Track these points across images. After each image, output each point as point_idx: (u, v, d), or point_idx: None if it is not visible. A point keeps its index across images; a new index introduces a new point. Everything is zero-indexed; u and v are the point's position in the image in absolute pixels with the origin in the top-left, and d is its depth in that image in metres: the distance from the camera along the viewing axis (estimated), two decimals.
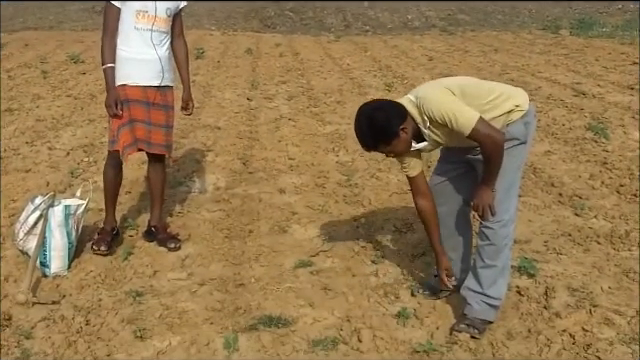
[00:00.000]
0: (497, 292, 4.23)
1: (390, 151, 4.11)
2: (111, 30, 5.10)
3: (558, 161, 7.69)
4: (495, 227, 4.14)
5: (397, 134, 3.99)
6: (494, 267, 4.21)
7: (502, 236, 4.17)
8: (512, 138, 4.07)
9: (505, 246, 4.21)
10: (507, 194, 4.15)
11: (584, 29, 21.03)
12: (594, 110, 10.05)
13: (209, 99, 11.25)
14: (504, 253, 4.22)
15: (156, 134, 5.31)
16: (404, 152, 4.15)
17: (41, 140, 8.54)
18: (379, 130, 3.99)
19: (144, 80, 5.17)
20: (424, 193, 4.32)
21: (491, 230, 4.15)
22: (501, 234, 4.17)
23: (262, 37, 20.45)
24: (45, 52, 16.52)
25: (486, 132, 3.89)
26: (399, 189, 6.77)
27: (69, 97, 11.25)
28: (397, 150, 4.09)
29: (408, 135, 4.03)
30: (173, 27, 5.34)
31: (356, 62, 15.50)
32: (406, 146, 4.08)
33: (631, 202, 6.41)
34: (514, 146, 4.09)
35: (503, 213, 4.14)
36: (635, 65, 14.11)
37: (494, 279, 4.22)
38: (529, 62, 15.06)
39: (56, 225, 5.00)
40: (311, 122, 9.65)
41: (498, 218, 4.13)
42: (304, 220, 6.06)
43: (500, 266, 4.22)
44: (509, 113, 4.07)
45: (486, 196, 4.06)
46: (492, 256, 4.20)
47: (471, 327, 4.19)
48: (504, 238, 4.19)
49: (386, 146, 4.04)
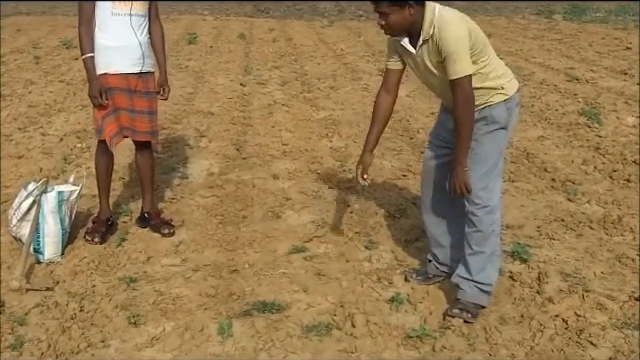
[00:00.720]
0: (486, 278, 4.25)
1: (386, 15, 3.96)
2: (87, 18, 5.03)
3: (551, 146, 7.70)
4: (480, 214, 4.17)
5: (405, 3, 3.91)
6: (482, 254, 4.24)
7: (488, 223, 4.20)
8: (493, 122, 4.10)
9: (492, 232, 4.23)
10: (489, 178, 4.16)
11: (577, 14, 21.02)
12: (587, 95, 10.06)
13: (202, 85, 11.22)
14: (492, 240, 4.24)
15: (140, 121, 5.27)
16: (395, 30, 4.05)
17: (34, 126, 8.51)
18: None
19: (125, 67, 5.10)
20: (390, 89, 4.46)
21: (477, 217, 4.17)
22: (487, 221, 4.19)
23: (255, 22, 20.38)
24: (37, 37, 16.44)
25: (468, 91, 3.91)
26: (393, 175, 6.78)
27: (62, 83, 11.20)
28: (392, 20, 3.97)
29: (410, 17, 3.95)
30: (149, 10, 5.25)
31: (350, 47, 15.47)
32: (401, 25, 4.00)
33: (624, 187, 6.43)
34: (495, 130, 4.12)
35: (487, 200, 4.16)
36: (628, 50, 14.13)
37: (482, 266, 4.24)
38: (522, 47, 15.06)
39: (49, 211, 4.99)
40: (305, 107, 9.64)
41: (483, 204, 4.16)
42: (298, 206, 6.06)
43: (488, 252, 4.24)
44: (491, 90, 4.08)
45: (460, 174, 4.04)
46: (479, 243, 4.23)
47: (464, 311, 4.21)
48: (490, 225, 4.21)
49: (389, 5, 3.92)
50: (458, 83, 3.90)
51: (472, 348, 3.92)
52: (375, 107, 4.49)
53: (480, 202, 4.15)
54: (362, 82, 11.32)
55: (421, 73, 4.22)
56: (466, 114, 3.94)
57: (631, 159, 7.09)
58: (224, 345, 3.96)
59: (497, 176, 4.25)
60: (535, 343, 3.94)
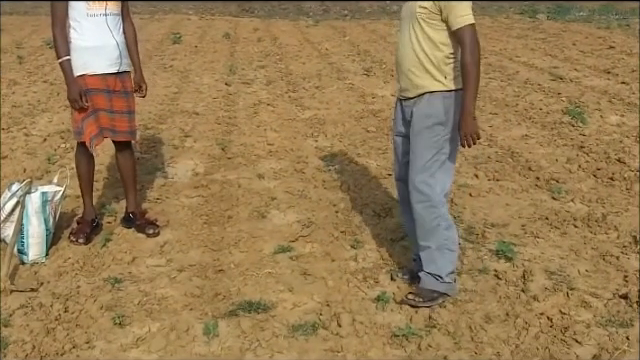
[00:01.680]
0: (438, 270, 4.33)
1: None
2: (61, 21, 4.99)
3: (535, 145, 7.73)
4: (418, 208, 4.26)
5: None
6: (428, 248, 4.34)
7: (429, 217, 4.26)
8: (428, 115, 4.18)
9: (437, 227, 4.29)
10: (427, 172, 4.22)
11: (561, 13, 21.12)
12: (571, 94, 10.11)
13: (187, 84, 11.20)
14: (438, 234, 4.30)
15: (120, 121, 5.26)
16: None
17: (17, 126, 8.47)
18: None
19: (103, 68, 5.08)
20: None
21: (416, 211, 4.28)
22: (427, 215, 4.25)
23: (240, 22, 20.36)
24: (21, 37, 16.37)
25: (474, 39, 4.02)
26: (378, 174, 6.78)
27: (45, 83, 11.15)
28: None
29: None
30: (121, 9, 5.22)
31: (335, 47, 15.48)
32: None
33: (608, 186, 6.46)
34: (432, 125, 4.18)
35: (427, 194, 4.23)
36: (612, 49, 14.21)
37: (432, 259, 4.34)
38: (507, 46, 15.11)
39: (33, 212, 4.96)
40: (290, 107, 9.63)
41: (421, 198, 4.23)
42: (283, 205, 6.06)
43: (434, 247, 4.32)
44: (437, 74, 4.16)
45: (468, 124, 4.10)
46: (424, 237, 4.34)
47: (417, 296, 4.33)
48: (433, 220, 4.27)
49: None
50: (465, 31, 4.00)
51: (458, 347, 3.92)
52: None
53: (419, 196, 4.24)
54: (347, 81, 11.34)
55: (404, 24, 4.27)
56: (474, 62, 4.02)
57: (615, 157, 7.12)
58: (210, 345, 3.95)
59: (441, 171, 4.27)
60: (520, 341, 3.95)
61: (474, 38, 4.01)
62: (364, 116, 9.06)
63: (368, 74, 11.95)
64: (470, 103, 4.07)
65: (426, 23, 4.07)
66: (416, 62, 4.15)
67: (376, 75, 11.85)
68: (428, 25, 4.07)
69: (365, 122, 8.76)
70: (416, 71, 4.17)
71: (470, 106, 4.08)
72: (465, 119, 4.09)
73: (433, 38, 4.08)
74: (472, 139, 4.13)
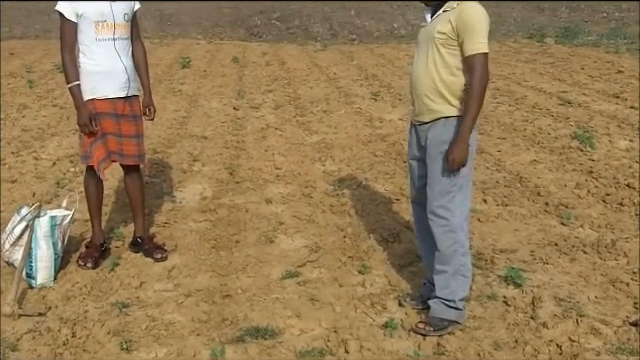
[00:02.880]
0: (450, 295, 4.32)
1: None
2: (70, 46, 5.03)
3: (544, 170, 7.71)
4: (438, 232, 4.26)
5: None
6: (444, 273, 4.33)
7: (448, 242, 4.26)
8: (444, 141, 4.17)
9: (454, 252, 4.29)
10: (446, 198, 4.22)
11: (569, 38, 21.14)
12: (580, 119, 10.09)
13: (196, 109, 11.23)
14: (455, 259, 4.30)
15: (128, 145, 5.28)
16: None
17: (27, 150, 8.51)
18: None
19: (112, 92, 5.11)
20: None
21: (436, 235, 4.28)
22: (446, 240, 4.25)
23: (249, 46, 20.44)
24: (31, 61, 16.46)
25: (485, 66, 4.04)
26: (386, 199, 6.78)
27: (55, 107, 11.21)
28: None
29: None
30: (131, 31, 5.26)
31: (343, 71, 15.52)
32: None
33: (617, 211, 6.43)
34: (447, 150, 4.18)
35: (446, 218, 4.24)
36: (620, 73, 14.20)
37: (446, 284, 4.33)
38: (515, 71, 15.12)
39: (42, 236, 4.97)
40: (298, 131, 9.65)
41: (441, 222, 4.24)
42: (291, 230, 6.05)
43: (451, 272, 4.31)
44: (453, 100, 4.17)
45: (458, 149, 4.10)
46: (441, 261, 4.33)
47: (427, 325, 4.31)
48: (450, 245, 4.27)
49: None
50: (477, 58, 4.02)
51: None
52: None
53: (438, 220, 4.24)
54: (355, 106, 11.35)
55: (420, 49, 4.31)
56: (480, 90, 4.04)
57: (624, 183, 7.10)
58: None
59: (460, 196, 4.27)
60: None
61: (485, 67, 4.03)
62: (372, 140, 9.07)
63: (376, 98, 11.96)
64: (467, 129, 4.08)
65: (445, 48, 4.09)
66: (432, 87, 4.17)
67: (384, 99, 11.86)
68: (446, 50, 4.09)
69: (373, 146, 8.76)
70: (432, 96, 4.18)
71: (466, 132, 4.08)
72: (458, 144, 4.10)
73: (450, 63, 4.10)
74: (457, 166, 4.13)
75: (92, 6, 4.95)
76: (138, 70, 5.38)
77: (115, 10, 5.04)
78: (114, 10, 5.03)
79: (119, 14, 5.07)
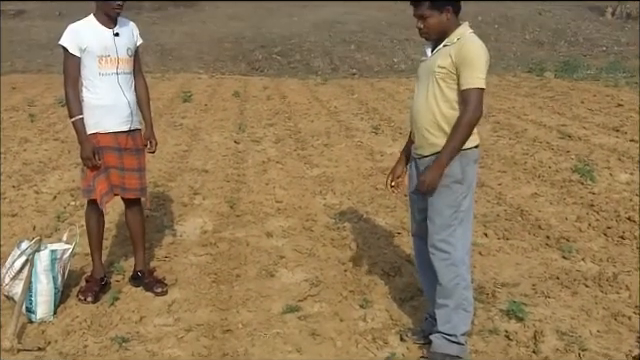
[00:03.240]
0: (452, 329, 4.30)
1: (425, 18, 4.18)
2: (73, 80, 5.07)
3: (545, 203, 7.71)
4: (439, 266, 4.25)
5: (447, 5, 4.13)
6: (446, 307, 4.31)
7: (449, 276, 4.25)
8: (446, 175, 4.17)
9: (456, 286, 4.27)
10: (447, 231, 4.22)
11: (569, 72, 21.23)
12: (580, 152, 10.11)
13: (197, 142, 11.26)
14: (457, 293, 4.28)
15: (130, 179, 5.29)
16: (431, 32, 4.23)
17: (28, 184, 8.51)
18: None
19: (115, 126, 5.14)
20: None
21: (438, 269, 4.26)
22: (448, 274, 4.25)
23: (250, 80, 20.54)
24: (33, 95, 16.53)
25: (479, 101, 4.05)
26: (387, 232, 6.77)
27: (56, 140, 11.24)
28: (430, 22, 4.18)
29: (447, 22, 4.16)
30: (133, 66, 5.31)
31: (343, 105, 15.57)
32: (437, 29, 4.20)
33: (618, 244, 6.42)
34: (450, 183, 4.18)
35: (447, 252, 4.23)
36: (620, 107, 14.24)
37: (447, 318, 4.31)
38: (515, 104, 15.16)
39: (42, 270, 4.96)
40: (298, 165, 9.66)
41: (442, 256, 4.24)
42: (292, 264, 6.03)
43: (452, 306, 4.29)
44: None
45: (431, 174, 4.13)
46: (443, 295, 4.31)
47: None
48: (452, 279, 4.26)
49: (429, 8, 4.15)
50: (473, 92, 4.04)
51: None
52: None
53: (439, 254, 4.24)
54: (356, 139, 11.38)
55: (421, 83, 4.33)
56: (470, 123, 4.06)
57: (625, 216, 7.09)
58: None
59: (460, 230, 4.27)
60: None
61: (479, 102, 4.05)
62: (373, 174, 9.08)
63: (376, 132, 11.99)
64: (446, 158, 4.10)
65: (445, 82, 4.11)
66: (432, 121, 4.19)
67: (384, 133, 11.89)
68: (446, 84, 4.11)
69: (374, 180, 8.76)
70: (432, 130, 4.20)
71: (444, 160, 4.10)
72: (433, 169, 4.12)
73: (450, 98, 4.12)
74: (426, 190, 4.16)
75: (96, 41, 5.00)
76: (140, 105, 5.41)
77: (118, 45, 5.08)
78: (117, 45, 5.07)
79: (122, 49, 5.11)
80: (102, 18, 5.07)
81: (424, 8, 4.15)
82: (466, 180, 4.21)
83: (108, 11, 5.04)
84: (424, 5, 4.15)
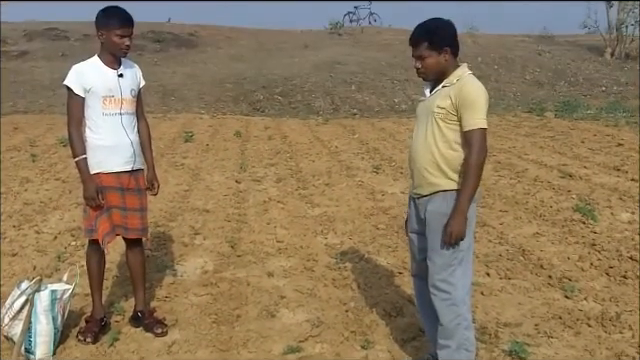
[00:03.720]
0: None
1: (424, 58, 4.23)
2: (77, 120, 5.10)
3: (547, 243, 7.69)
4: (440, 306, 4.25)
5: (445, 46, 4.19)
6: (448, 347, 4.30)
7: (450, 317, 4.25)
8: (445, 215, 4.19)
9: (457, 326, 4.26)
10: (447, 271, 4.23)
11: (569, 111, 21.30)
12: (581, 192, 10.11)
13: (198, 182, 11.27)
14: (458, 333, 4.27)
15: (132, 218, 5.29)
16: (429, 73, 4.28)
17: (29, 224, 8.51)
18: (440, 27, 4.24)
19: (118, 166, 5.16)
20: None
21: (439, 309, 4.26)
22: (449, 314, 4.25)
23: (251, 120, 20.61)
24: (35, 135, 16.58)
25: (483, 141, 4.10)
26: (388, 272, 6.74)
27: (57, 180, 11.25)
28: (428, 63, 4.23)
29: (445, 63, 4.22)
30: (136, 107, 5.35)
31: (344, 144, 15.61)
32: (435, 69, 4.25)
33: (621, 284, 6.40)
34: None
35: (448, 292, 4.23)
36: (620, 146, 14.27)
37: (449, 359, 4.30)
38: (515, 144, 15.20)
39: (42, 310, 4.94)
40: (300, 204, 9.66)
41: (443, 296, 4.24)
42: (293, 304, 6.00)
43: (454, 346, 4.29)
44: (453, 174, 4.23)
45: (456, 223, 4.14)
46: (444, 336, 4.31)
47: None
48: (453, 319, 4.25)
49: (428, 49, 4.20)
50: (476, 132, 4.08)
51: None
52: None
53: (440, 294, 4.24)
54: (357, 179, 11.39)
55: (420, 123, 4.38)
56: (478, 164, 4.11)
57: (627, 255, 7.07)
58: None
59: (461, 269, 4.28)
60: None
61: (483, 142, 4.10)
62: (374, 213, 9.07)
63: (377, 172, 12.01)
64: (465, 203, 4.13)
65: (444, 123, 4.15)
66: (431, 161, 4.21)
67: (385, 173, 11.91)
68: (445, 125, 4.15)
69: (375, 219, 8.76)
70: (431, 169, 4.22)
71: (464, 205, 4.13)
72: (456, 217, 4.13)
73: (449, 138, 4.15)
74: (455, 240, 4.15)
75: (100, 81, 5.04)
76: (142, 146, 5.44)
77: (122, 86, 5.12)
78: (121, 86, 5.12)
79: (126, 90, 5.15)
80: (107, 59, 5.11)
81: (423, 49, 4.21)
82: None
83: (116, 51, 5.09)
84: (423, 46, 4.21)
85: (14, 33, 31.98)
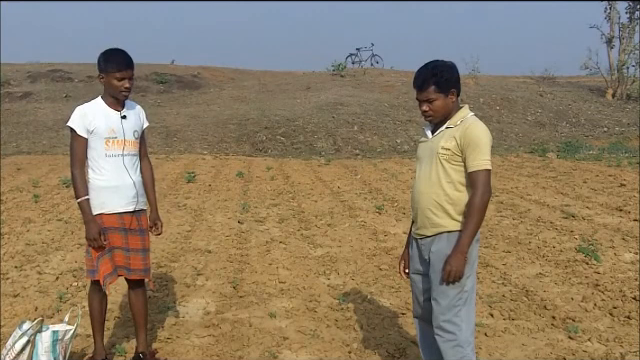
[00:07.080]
0: None
1: (432, 101, 4.25)
2: (80, 161, 5.13)
3: (550, 283, 7.67)
4: (445, 347, 4.23)
5: (451, 88, 4.25)
6: None
7: (455, 358, 4.23)
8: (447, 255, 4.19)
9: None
10: (452, 312, 4.23)
11: (571, 152, 21.37)
12: (584, 232, 10.10)
13: (200, 222, 11.27)
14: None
15: (135, 259, 5.29)
16: (437, 115, 4.30)
17: (30, 264, 8.50)
18: (446, 70, 4.26)
19: (120, 207, 5.17)
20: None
21: (444, 351, 4.24)
22: (453, 355, 4.24)
23: (254, 161, 20.68)
24: (37, 176, 16.63)
25: (487, 182, 4.13)
26: (391, 313, 6.71)
27: (60, 221, 11.26)
28: (437, 105, 4.26)
29: (451, 104, 4.28)
30: (139, 148, 5.38)
31: (346, 185, 15.64)
32: (443, 110, 4.28)
33: (624, 324, 6.36)
34: None
35: (453, 333, 4.22)
36: (623, 187, 14.29)
37: None
38: (518, 185, 15.22)
39: (43, 351, 4.91)
40: (302, 245, 9.65)
41: (448, 337, 4.23)
42: (295, 345, 5.97)
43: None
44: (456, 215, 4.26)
45: (455, 261, 4.14)
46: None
47: None
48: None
49: (436, 92, 4.24)
50: (481, 174, 4.13)
51: None
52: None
53: (446, 335, 4.23)
54: (359, 219, 11.39)
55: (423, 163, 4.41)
56: (482, 205, 4.14)
57: (630, 295, 7.05)
58: None
59: (465, 310, 4.28)
60: None
61: (487, 183, 4.13)
62: (376, 254, 9.06)
63: (380, 212, 12.01)
64: (466, 242, 4.15)
65: (449, 164, 4.18)
66: (435, 202, 4.23)
67: (388, 213, 11.90)
68: (450, 166, 4.18)
69: (377, 260, 8.74)
70: (435, 210, 4.24)
71: (465, 245, 4.14)
72: (456, 256, 4.15)
73: (454, 179, 4.18)
74: (453, 279, 4.16)
75: (103, 123, 5.07)
76: (145, 187, 5.46)
77: (125, 127, 5.15)
78: (124, 127, 5.15)
79: (129, 131, 5.18)
80: (110, 100, 5.15)
81: (430, 91, 4.25)
82: (469, 260, 4.22)
83: (116, 94, 5.13)
84: (430, 88, 4.25)
85: (18, 74, 32.27)
